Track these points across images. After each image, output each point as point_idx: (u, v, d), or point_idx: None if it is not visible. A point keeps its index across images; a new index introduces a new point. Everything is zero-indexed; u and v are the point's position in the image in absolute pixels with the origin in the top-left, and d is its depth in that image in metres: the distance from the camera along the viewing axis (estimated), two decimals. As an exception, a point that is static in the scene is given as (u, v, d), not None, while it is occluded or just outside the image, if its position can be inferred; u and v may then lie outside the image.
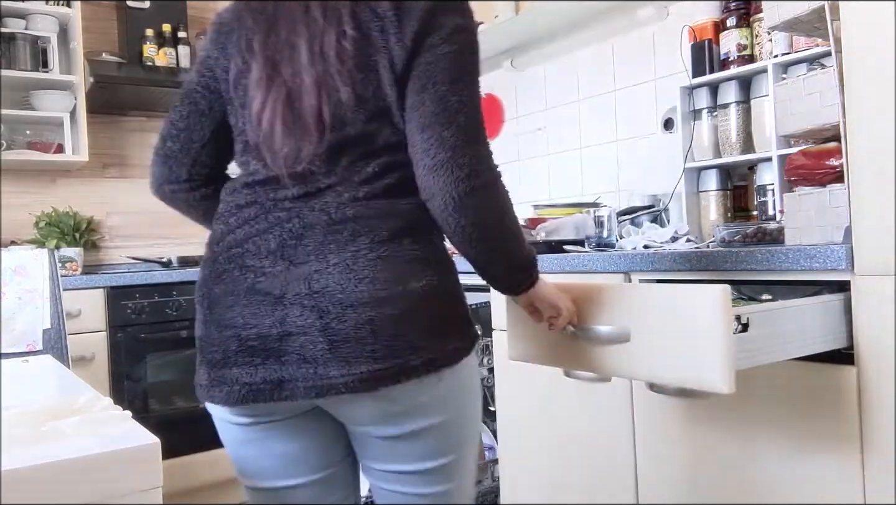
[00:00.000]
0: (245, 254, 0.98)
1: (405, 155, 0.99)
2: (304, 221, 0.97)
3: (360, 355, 0.92)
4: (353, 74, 0.95)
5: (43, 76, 2.79)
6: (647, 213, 2.09)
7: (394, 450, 1.02)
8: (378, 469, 1.06)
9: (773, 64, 1.79)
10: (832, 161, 1.35)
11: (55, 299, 1.97)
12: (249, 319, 0.96)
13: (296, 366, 0.94)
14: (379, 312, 0.93)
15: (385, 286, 0.94)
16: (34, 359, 1.52)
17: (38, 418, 0.80)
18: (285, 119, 0.96)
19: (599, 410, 1.68)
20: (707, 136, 1.98)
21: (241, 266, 0.98)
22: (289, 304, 0.94)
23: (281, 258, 0.96)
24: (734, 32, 1.94)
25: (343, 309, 0.92)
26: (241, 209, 1.02)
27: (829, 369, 1.24)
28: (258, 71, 0.98)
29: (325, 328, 0.92)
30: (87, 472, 0.68)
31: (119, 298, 2.55)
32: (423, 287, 0.96)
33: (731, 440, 1.40)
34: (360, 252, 0.94)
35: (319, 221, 0.96)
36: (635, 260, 1.56)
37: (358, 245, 0.95)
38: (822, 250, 1.22)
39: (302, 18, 0.96)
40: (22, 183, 2.96)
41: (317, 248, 0.95)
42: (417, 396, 0.97)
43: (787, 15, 1.41)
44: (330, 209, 0.97)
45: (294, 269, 0.95)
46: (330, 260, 0.94)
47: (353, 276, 0.93)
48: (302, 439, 1.05)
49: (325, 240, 0.95)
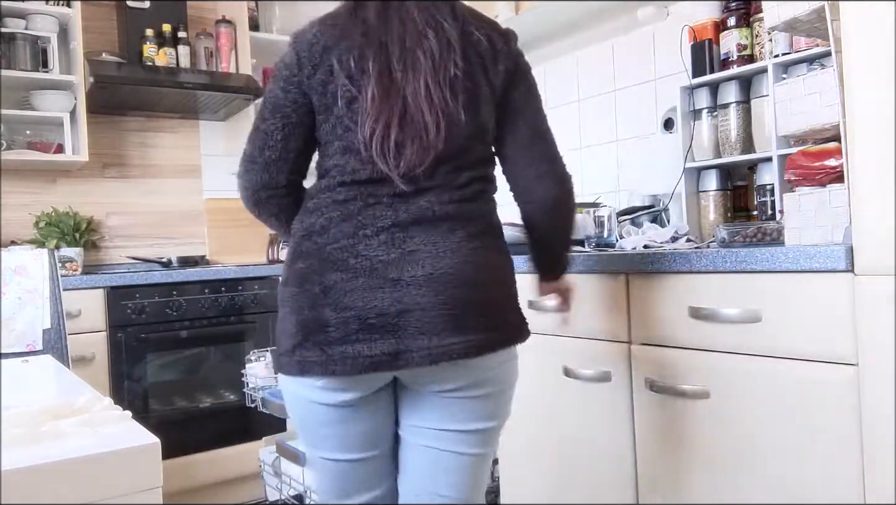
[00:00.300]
0: (357, 244, 1.13)
1: (490, 169, 1.24)
2: (410, 216, 1.14)
3: (470, 326, 1.11)
4: (462, 100, 1.15)
5: (43, 76, 2.78)
6: (647, 213, 2.09)
7: (463, 410, 1.20)
8: (437, 429, 1.22)
9: (773, 64, 1.79)
10: (832, 161, 1.35)
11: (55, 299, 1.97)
12: (369, 301, 1.10)
13: (412, 338, 1.10)
14: (482, 291, 1.14)
15: (484, 271, 1.15)
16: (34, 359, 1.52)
17: (38, 418, 0.80)
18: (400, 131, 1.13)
19: (599, 410, 1.68)
20: (707, 136, 1.98)
21: (354, 255, 1.13)
22: (405, 285, 1.10)
23: (393, 246, 1.12)
24: (734, 32, 1.94)
25: (455, 288, 1.11)
26: (343, 204, 1.16)
27: (829, 369, 1.24)
28: (375, 89, 1.13)
29: (440, 304, 1.10)
30: (87, 472, 0.68)
31: (119, 298, 2.55)
32: (508, 274, 1.22)
33: (731, 440, 1.40)
34: (462, 242, 1.14)
35: (424, 216, 1.14)
36: (635, 260, 1.56)
37: (458, 237, 1.14)
38: (822, 250, 1.23)
39: (420, 46, 1.14)
40: (22, 183, 2.96)
41: (424, 237, 1.13)
42: (497, 364, 1.18)
43: (787, 15, 1.41)
44: (433, 207, 1.15)
45: (407, 256, 1.12)
46: (438, 247, 1.13)
47: (459, 260, 1.12)
48: (377, 416, 1.23)
49: (430, 231, 1.14)
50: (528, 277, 1.85)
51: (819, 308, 1.25)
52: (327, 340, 1.11)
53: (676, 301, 1.49)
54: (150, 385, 2.60)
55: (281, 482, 2.20)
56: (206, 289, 2.71)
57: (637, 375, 1.59)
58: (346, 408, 1.18)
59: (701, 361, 1.45)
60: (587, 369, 1.70)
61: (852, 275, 1.20)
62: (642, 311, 1.57)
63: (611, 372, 1.64)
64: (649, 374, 1.55)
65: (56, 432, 0.76)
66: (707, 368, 1.44)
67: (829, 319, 1.23)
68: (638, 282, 1.58)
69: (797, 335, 1.28)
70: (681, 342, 1.49)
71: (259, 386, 2.17)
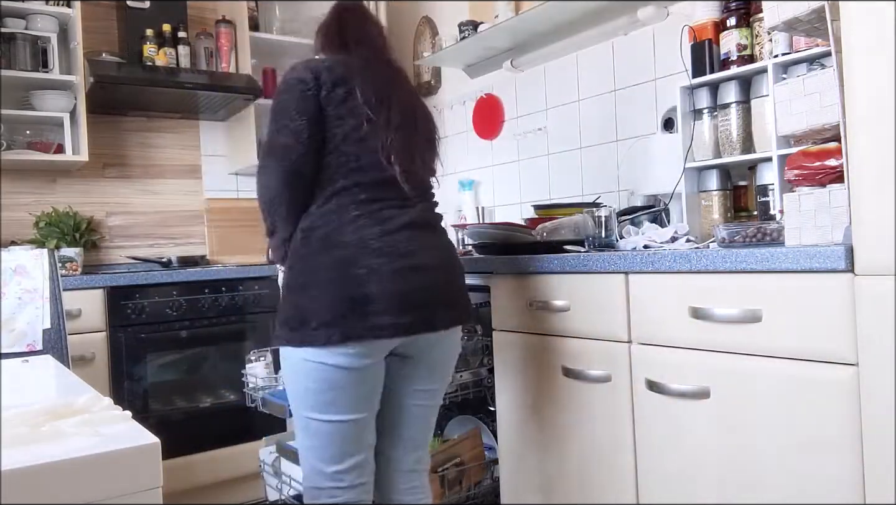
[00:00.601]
0: (385, 236, 1.43)
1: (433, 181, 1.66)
2: (415, 218, 1.49)
3: (458, 303, 1.54)
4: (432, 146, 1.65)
5: (43, 76, 2.78)
6: (647, 214, 2.08)
7: (440, 371, 1.58)
8: (423, 389, 1.58)
9: (773, 64, 1.79)
10: (832, 161, 1.35)
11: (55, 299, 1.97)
12: (404, 282, 1.42)
13: (436, 309, 1.47)
14: (460, 278, 1.57)
15: (457, 264, 1.57)
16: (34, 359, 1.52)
17: (38, 418, 0.80)
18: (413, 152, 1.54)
19: (599, 410, 1.68)
20: (707, 135, 1.97)
21: (389, 244, 1.43)
22: (426, 270, 1.45)
23: (412, 240, 1.46)
24: (734, 32, 1.94)
25: (448, 274, 1.52)
26: (365, 204, 1.46)
27: (829, 369, 1.24)
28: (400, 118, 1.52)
29: (447, 283, 1.51)
30: (87, 472, 0.68)
31: (119, 298, 2.55)
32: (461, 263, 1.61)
33: (731, 440, 1.40)
34: (443, 241, 1.56)
35: (422, 219, 1.51)
36: (635, 260, 1.56)
37: (440, 237, 1.55)
38: (822, 250, 1.23)
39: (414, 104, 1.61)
40: (22, 183, 2.96)
41: (428, 235, 1.51)
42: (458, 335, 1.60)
43: (787, 15, 1.40)
44: (425, 214, 1.54)
45: (423, 248, 1.47)
46: (436, 243, 1.53)
47: (447, 254, 1.54)
48: (378, 380, 1.51)
49: (428, 231, 1.52)
50: (528, 278, 1.85)
51: (819, 308, 1.25)
52: (374, 311, 1.39)
53: (676, 301, 1.49)
54: (150, 385, 2.60)
55: (281, 482, 2.20)
56: (206, 289, 2.71)
57: (637, 375, 1.59)
58: (361, 371, 1.43)
59: (701, 361, 1.45)
60: (587, 369, 1.70)
61: (852, 275, 1.20)
62: (642, 311, 1.57)
63: (611, 372, 1.64)
64: (649, 374, 1.55)
65: (56, 432, 0.76)
66: (707, 368, 1.44)
67: (829, 319, 1.23)
68: (638, 282, 1.58)
69: (797, 335, 1.28)
70: (681, 342, 1.49)
71: (259, 386, 2.17)
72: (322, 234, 1.44)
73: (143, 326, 2.59)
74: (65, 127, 2.84)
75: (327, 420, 1.45)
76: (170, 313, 2.64)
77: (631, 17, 2.31)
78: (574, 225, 2.00)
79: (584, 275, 1.70)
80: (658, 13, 2.25)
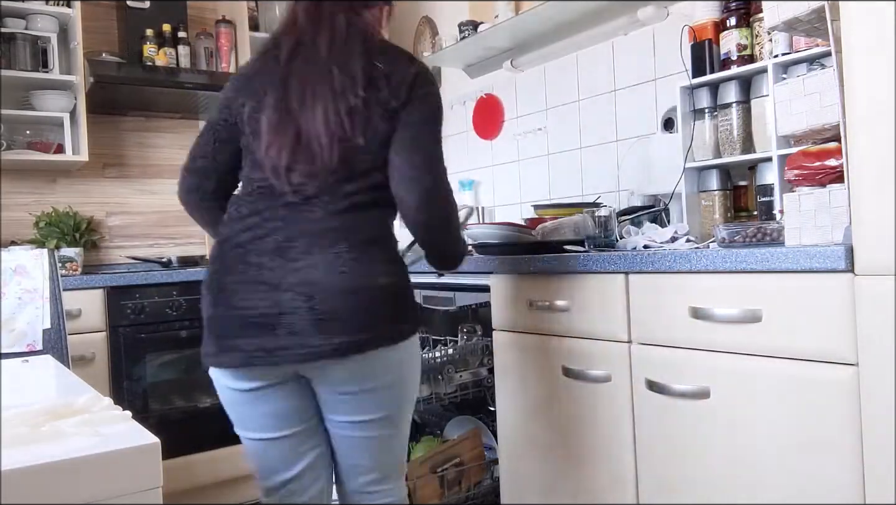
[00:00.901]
0: (248, 253, 1.28)
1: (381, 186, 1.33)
2: (296, 228, 1.28)
3: (336, 331, 1.24)
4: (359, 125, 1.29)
5: (43, 76, 2.78)
6: (647, 214, 2.08)
7: (350, 404, 1.35)
8: (341, 420, 1.38)
9: (773, 64, 1.79)
10: (832, 161, 1.35)
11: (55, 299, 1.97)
12: (255, 303, 1.25)
13: (286, 338, 1.24)
14: (352, 299, 1.25)
15: (359, 280, 1.26)
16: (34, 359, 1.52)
17: (38, 418, 0.80)
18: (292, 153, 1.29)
19: (599, 410, 1.68)
20: (707, 136, 1.97)
21: (245, 262, 1.28)
22: (284, 290, 1.24)
23: (278, 256, 1.26)
24: (734, 32, 1.94)
25: (325, 295, 1.24)
26: (244, 218, 1.32)
27: (829, 369, 1.24)
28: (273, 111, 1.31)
29: (311, 309, 1.23)
30: (87, 472, 0.68)
31: (119, 298, 2.55)
32: (388, 282, 1.30)
33: (731, 440, 1.40)
34: (340, 254, 1.26)
35: (310, 229, 1.27)
36: (635, 260, 1.56)
37: (337, 249, 1.26)
38: (822, 250, 1.23)
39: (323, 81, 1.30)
40: (22, 183, 2.97)
41: (306, 249, 1.26)
42: (375, 363, 1.30)
43: (787, 15, 1.40)
44: (321, 220, 1.28)
45: (288, 264, 1.25)
46: (316, 259, 1.25)
47: (334, 271, 1.25)
48: (284, 402, 1.36)
49: (312, 244, 1.26)
50: (528, 278, 1.85)
51: (819, 308, 1.25)
52: (220, 335, 1.29)
53: (676, 301, 1.49)
54: (149, 385, 2.60)
55: (281, 482, 2.20)
56: (206, 289, 2.71)
57: (637, 375, 1.58)
58: (252, 393, 1.34)
59: (701, 361, 1.45)
60: (587, 369, 1.70)
61: (852, 275, 1.20)
62: (642, 311, 1.57)
63: (611, 372, 1.64)
64: (649, 374, 1.55)
65: (56, 432, 0.76)
66: (707, 368, 1.44)
67: (829, 319, 1.23)
68: (638, 282, 1.58)
69: (797, 335, 1.28)
70: (681, 342, 1.49)
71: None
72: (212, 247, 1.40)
73: (143, 326, 2.59)
74: (65, 127, 2.84)
75: (244, 436, 1.41)
76: (169, 313, 2.64)
77: (631, 17, 2.31)
78: (574, 225, 2.00)
79: (584, 275, 1.70)
80: (658, 13, 2.25)
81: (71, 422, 0.79)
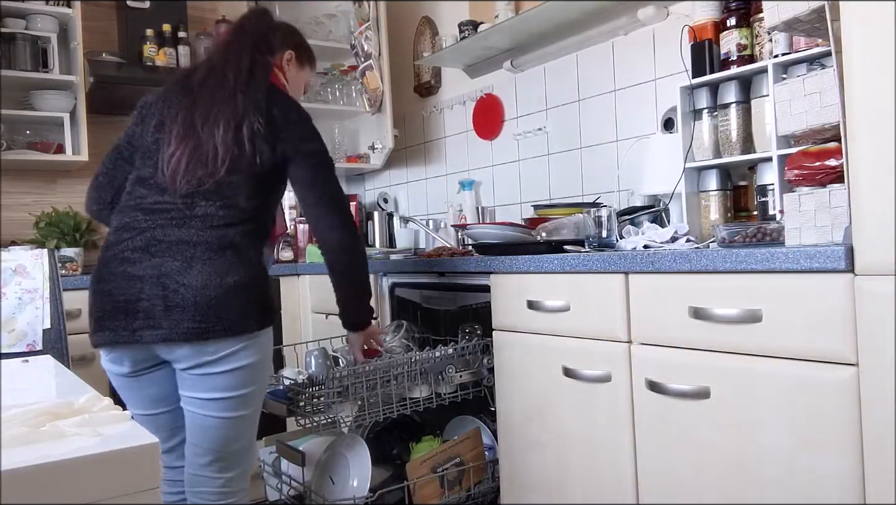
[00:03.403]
0: (123, 251, 1.54)
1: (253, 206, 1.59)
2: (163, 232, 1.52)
3: (185, 319, 1.46)
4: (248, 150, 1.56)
5: (43, 76, 2.79)
6: (647, 214, 2.08)
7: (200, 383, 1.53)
8: (186, 395, 1.57)
9: (773, 64, 1.79)
10: (832, 161, 1.35)
11: (55, 299, 1.97)
12: (123, 291, 1.50)
13: (144, 321, 1.48)
14: (201, 293, 1.47)
15: (209, 277, 1.48)
16: (34, 359, 1.52)
17: (38, 418, 0.80)
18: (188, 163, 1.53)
19: (599, 410, 1.68)
20: (707, 136, 1.97)
21: (118, 259, 1.53)
22: (144, 281, 1.49)
23: (145, 253, 1.51)
24: (734, 32, 1.94)
25: (177, 287, 1.47)
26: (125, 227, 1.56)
27: (829, 369, 1.24)
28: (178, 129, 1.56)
29: (164, 298, 1.47)
30: (87, 472, 0.68)
31: (119, 298, 2.54)
32: (236, 282, 1.51)
33: (732, 440, 1.40)
34: (196, 255, 1.50)
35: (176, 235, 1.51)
36: (635, 260, 1.56)
37: (194, 251, 1.50)
38: (822, 250, 1.23)
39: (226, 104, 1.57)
40: (22, 183, 2.97)
41: (167, 249, 1.50)
42: (221, 349, 1.50)
43: (787, 15, 1.40)
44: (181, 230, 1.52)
45: (151, 259, 1.50)
46: (176, 256, 1.49)
47: (187, 268, 1.48)
48: (158, 386, 1.61)
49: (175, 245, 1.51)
50: (528, 278, 1.85)
51: (819, 308, 1.25)
52: (96, 318, 1.53)
53: (676, 301, 1.49)
54: (150, 385, 2.59)
55: (281, 482, 2.20)
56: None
57: (637, 375, 1.58)
58: (131, 378, 1.60)
59: (701, 362, 1.45)
60: (587, 369, 1.70)
61: (852, 275, 1.20)
62: (642, 311, 1.57)
63: (611, 372, 1.64)
64: (649, 374, 1.55)
65: (56, 432, 0.76)
66: (707, 368, 1.44)
67: (829, 319, 1.23)
68: (638, 282, 1.58)
69: (797, 335, 1.28)
70: (681, 342, 1.49)
71: (259, 386, 2.16)
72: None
73: (143, 326, 2.58)
74: (65, 127, 2.84)
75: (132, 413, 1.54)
76: (170, 313, 2.63)
77: (631, 17, 2.31)
78: (574, 225, 2.00)
79: (584, 275, 1.70)
80: (658, 13, 2.25)
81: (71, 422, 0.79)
